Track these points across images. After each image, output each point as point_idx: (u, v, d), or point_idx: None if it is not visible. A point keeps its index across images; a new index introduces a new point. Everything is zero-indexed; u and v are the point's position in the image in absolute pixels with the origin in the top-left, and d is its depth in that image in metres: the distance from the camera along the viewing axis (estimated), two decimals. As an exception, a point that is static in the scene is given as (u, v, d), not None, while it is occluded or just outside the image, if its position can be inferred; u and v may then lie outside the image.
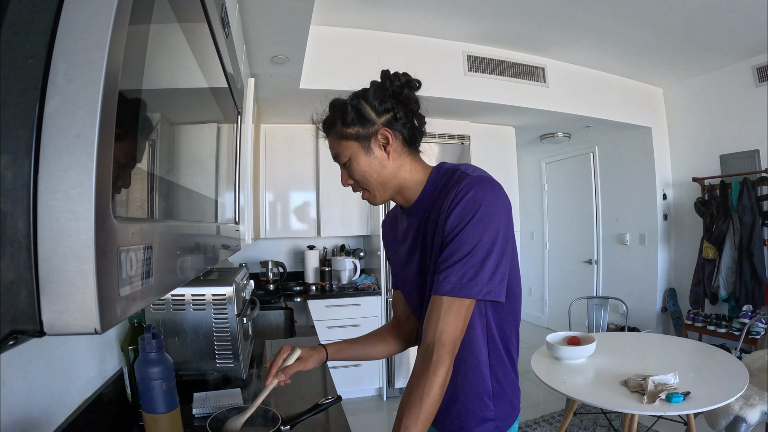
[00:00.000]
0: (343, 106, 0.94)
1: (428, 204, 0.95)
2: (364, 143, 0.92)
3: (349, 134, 0.92)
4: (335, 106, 0.96)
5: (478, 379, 0.96)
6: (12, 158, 0.29)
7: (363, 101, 0.93)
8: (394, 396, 3.52)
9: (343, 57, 2.90)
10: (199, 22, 0.68)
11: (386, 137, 0.92)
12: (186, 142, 0.68)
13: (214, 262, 0.84)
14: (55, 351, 0.94)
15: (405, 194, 0.98)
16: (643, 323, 4.10)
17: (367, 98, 0.93)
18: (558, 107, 3.53)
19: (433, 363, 0.82)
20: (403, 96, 0.94)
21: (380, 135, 0.92)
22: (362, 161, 0.93)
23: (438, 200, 0.92)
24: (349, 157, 0.93)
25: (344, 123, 0.93)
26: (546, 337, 2.30)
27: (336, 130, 0.94)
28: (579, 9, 2.71)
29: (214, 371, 1.41)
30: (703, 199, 3.60)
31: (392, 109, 0.93)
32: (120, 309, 0.35)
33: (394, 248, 1.09)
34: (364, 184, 0.95)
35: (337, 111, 0.94)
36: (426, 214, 0.95)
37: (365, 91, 0.94)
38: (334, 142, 0.95)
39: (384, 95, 0.93)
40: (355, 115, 0.92)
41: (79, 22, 0.31)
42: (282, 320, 2.80)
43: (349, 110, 0.92)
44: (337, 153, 0.95)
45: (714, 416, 2.10)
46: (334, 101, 0.97)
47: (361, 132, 0.92)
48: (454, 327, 0.84)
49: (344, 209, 3.72)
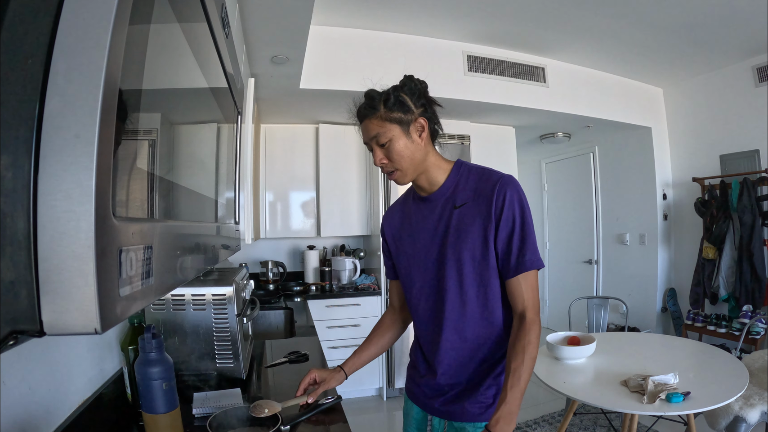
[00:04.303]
0: (385, 94, 1.04)
1: (451, 192, 1.10)
2: (404, 128, 1.04)
3: (393, 118, 1.03)
4: (375, 94, 1.06)
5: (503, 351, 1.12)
6: (12, 158, 0.29)
7: (402, 93, 1.05)
8: (394, 396, 3.52)
9: (343, 57, 2.90)
10: (199, 22, 0.68)
11: (422, 125, 1.06)
12: (186, 142, 0.68)
13: (214, 262, 0.84)
14: (55, 351, 0.94)
15: (429, 178, 1.11)
16: (643, 323, 4.10)
17: (405, 91, 1.05)
18: (558, 107, 3.53)
19: (528, 322, 1.02)
20: (429, 96, 1.09)
21: (418, 123, 1.05)
22: (401, 143, 1.04)
23: (464, 191, 1.08)
24: (389, 139, 1.04)
25: (387, 107, 1.03)
26: (546, 337, 2.30)
27: (379, 113, 1.03)
28: (579, 9, 2.71)
29: (214, 371, 1.41)
30: (703, 199, 3.60)
31: (424, 104, 1.07)
32: (120, 309, 0.35)
33: (405, 236, 1.19)
34: (398, 164, 1.06)
35: (380, 98, 1.04)
36: (450, 201, 1.10)
37: (402, 86, 1.06)
38: (376, 124, 1.04)
39: (418, 92, 1.06)
40: (398, 103, 1.03)
41: (79, 22, 0.31)
42: (282, 320, 2.80)
43: (391, 98, 1.03)
44: (378, 133, 1.04)
45: (714, 416, 2.10)
46: (371, 91, 1.06)
47: (403, 118, 1.04)
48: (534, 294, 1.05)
49: (344, 209, 3.72)
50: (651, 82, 3.98)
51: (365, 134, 1.08)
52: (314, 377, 1.27)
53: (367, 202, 3.77)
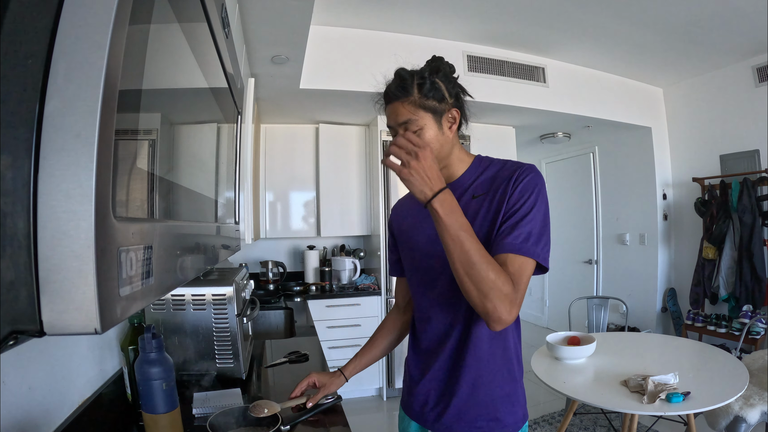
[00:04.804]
0: (418, 77, 0.96)
1: (469, 184, 1.02)
2: (437, 117, 0.96)
3: (427, 105, 0.95)
4: (408, 75, 0.97)
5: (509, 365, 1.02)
6: (12, 158, 0.29)
7: (438, 79, 0.96)
8: (394, 396, 3.52)
9: (343, 57, 2.90)
10: (199, 22, 0.68)
11: (454, 117, 0.99)
12: (186, 142, 0.68)
13: (214, 262, 0.84)
14: (55, 351, 0.94)
15: (450, 169, 1.03)
16: (643, 323, 4.09)
17: (440, 77, 0.97)
18: (558, 107, 3.53)
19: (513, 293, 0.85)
20: (460, 84, 1.01)
21: (450, 114, 0.98)
22: (432, 133, 0.96)
23: (483, 183, 1.00)
24: (421, 127, 0.95)
25: (422, 94, 0.95)
26: (546, 337, 2.30)
27: (412, 98, 0.95)
28: (579, 9, 2.71)
29: (214, 371, 1.41)
30: (703, 199, 3.60)
31: (457, 93, 1.00)
32: (120, 309, 0.35)
33: (413, 229, 1.10)
34: None
35: (413, 81, 0.95)
36: (466, 194, 1.01)
37: (437, 70, 0.97)
38: (407, 110, 0.95)
39: (453, 79, 0.99)
40: (433, 89, 0.95)
41: (79, 22, 0.31)
42: (282, 320, 2.80)
43: (427, 83, 0.95)
44: (409, 120, 0.95)
45: (714, 416, 2.10)
46: (402, 71, 0.98)
47: (437, 107, 0.96)
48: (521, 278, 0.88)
49: (344, 209, 3.72)
50: (651, 82, 3.98)
51: (392, 117, 0.98)
52: (314, 381, 1.24)
53: (367, 202, 3.77)
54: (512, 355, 1.03)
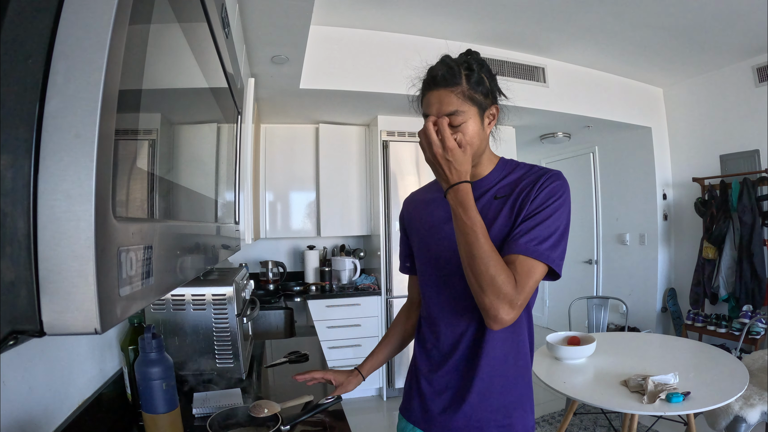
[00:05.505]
0: (466, 67, 0.92)
1: (493, 184, 0.99)
2: (480, 112, 0.93)
3: (475, 98, 0.92)
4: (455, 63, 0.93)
5: (522, 370, 1.00)
6: (12, 158, 0.29)
7: (483, 74, 0.93)
8: (394, 396, 3.52)
9: (344, 57, 2.90)
10: (199, 22, 0.68)
11: (494, 115, 0.96)
12: (186, 142, 0.68)
13: (214, 262, 0.84)
14: (55, 351, 0.94)
15: (478, 168, 1.00)
16: (643, 323, 4.09)
17: (485, 72, 0.94)
18: (558, 107, 3.53)
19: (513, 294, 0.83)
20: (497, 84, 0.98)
21: (491, 110, 0.95)
22: (475, 127, 0.92)
23: (507, 185, 0.97)
24: (466, 120, 0.91)
25: (470, 85, 0.91)
26: (546, 337, 2.30)
27: (461, 88, 0.91)
28: (579, 9, 2.71)
29: (214, 371, 1.41)
30: (703, 199, 3.60)
31: (498, 90, 0.97)
32: (120, 309, 0.35)
33: (426, 225, 1.07)
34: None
35: (461, 70, 0.92)
36: (489, 192, 0.98)
37: (482, 64, 0.95)
38: (455, 99, 0.90)
39: (494, 76, 0.96)
40: (481, 83, 0.92)
41: (79, 22, 0.31)
42: (282, 320, 2.80)
43: (475, 74, 0.92)
44: (456, 111, 0.90)
45: (714, 416, 2.10)
46: (448, 59, 0.94)
47: (483, 102, 0.93)
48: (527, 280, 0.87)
49: (344, 209, 3.72)
50: (651, 82, 3.98)
51: (436, 105, 0.91)
52: (330, 378, 1.22)
53: (367, 202, 3.77)
54: (526, 359, 1.00)
